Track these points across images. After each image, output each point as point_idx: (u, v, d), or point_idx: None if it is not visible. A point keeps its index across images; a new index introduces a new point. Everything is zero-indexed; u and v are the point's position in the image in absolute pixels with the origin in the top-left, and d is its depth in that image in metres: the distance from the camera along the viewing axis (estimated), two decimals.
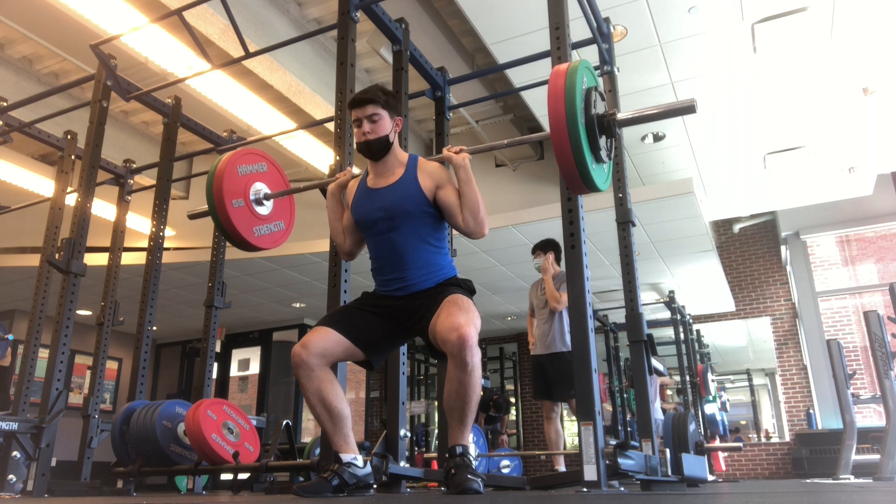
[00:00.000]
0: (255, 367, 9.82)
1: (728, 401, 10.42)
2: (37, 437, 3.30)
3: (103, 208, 6.46)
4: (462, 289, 2.27)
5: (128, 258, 5.62)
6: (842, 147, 6.35)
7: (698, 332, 9.02)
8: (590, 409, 2.22)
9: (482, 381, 2.19)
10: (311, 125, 4.89)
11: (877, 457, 5.50)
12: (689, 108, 2.09)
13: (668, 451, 4.15)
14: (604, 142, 2.11)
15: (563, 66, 2.05)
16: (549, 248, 4.82)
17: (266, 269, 7.10)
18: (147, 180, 5.82)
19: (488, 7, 4.47)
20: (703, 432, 6.60)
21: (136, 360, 3.98)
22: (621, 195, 3.45)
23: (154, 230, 4.14)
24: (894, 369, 5.27)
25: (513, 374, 10.51)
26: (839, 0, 4.43)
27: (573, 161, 1.98)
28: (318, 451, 3.61)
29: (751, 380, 12.60)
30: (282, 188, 2.99)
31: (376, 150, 2.32)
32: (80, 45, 4.81)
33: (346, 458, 2.15)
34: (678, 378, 7.61)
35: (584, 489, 2.13)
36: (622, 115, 2.14)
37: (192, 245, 7.24)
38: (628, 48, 4.85)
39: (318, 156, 6.52)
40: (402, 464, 2.70)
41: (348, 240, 2.48)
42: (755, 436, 12.08)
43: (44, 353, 3.79)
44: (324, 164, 6.56)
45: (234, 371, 10.01)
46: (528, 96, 5.40)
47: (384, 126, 2.31)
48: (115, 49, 4.24)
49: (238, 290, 7.73)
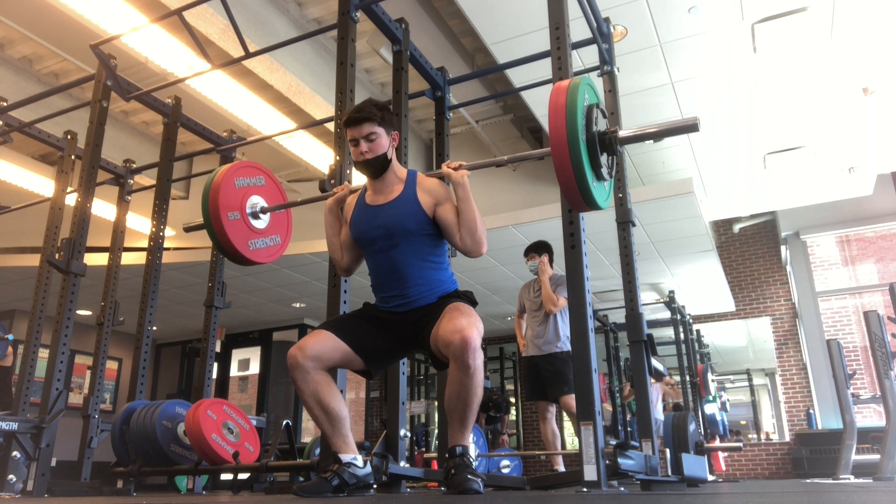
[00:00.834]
0: (255, 367, 9.83)
1: (728, 401, 10.42)
2: (37, 437, 3.30)
3: (103, 208, 6.46)
4: (463, 299, 2.26)
5: (128, 258, 5.62)
6: (842, 147, 6.35)
7: (698, 332, 9.02)
8: (590, 409, 2.22)
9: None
10: (311, 125, 4.89)
11: (877, 457, 5.50)
12: (691, 127, 2.07)
13: (668, 451, 4.16)
14: (605, 159, 2.09)
15: (565, 82, 2.03)
16: (543, 249, 4.81)
17: (266, 269, 7.10)
18: (147, 180, 5.82)
19: (488, 7, 4.47)
20: (703, 432, 6.60)
21: (136, 360, 3.98)
22: (621, 195, 3.45)
23: (154, 230, 4.14)
24: (894, 369, 5.27)
25: (513, 374, 10.51)
26: (839, 0, 4.43)
27: (574, 179, 1.96)
28: (318, 451, 3.61)
29: (751, 380, 12.61)
30: (279, 202, 2.95)
31: (375, 169, 2.29)
32: (80, 45, 4.81)
33: (345, 458, 2.15)
34: (678, 378, 7.61)
35: (584, 489, 2.13)
36: (624, 133, 2.12)
37: (192, 245, 7.24)
38: (628, 48, 4.85)
39: (318, 156, 6.52)
40: (402, 464, 2.70)
41: (346, 256, 2.44)
42: (755, 436, 12.08)
43: (44, 353, 3.79)
44: (324, 164, 6.56)
45: (234, 371, 10.01)
46: (528, 96, 5.40)
47: (381, 144, 2.27)
48: (115, 49, 4.24)
49: (238, 290, 7.73)
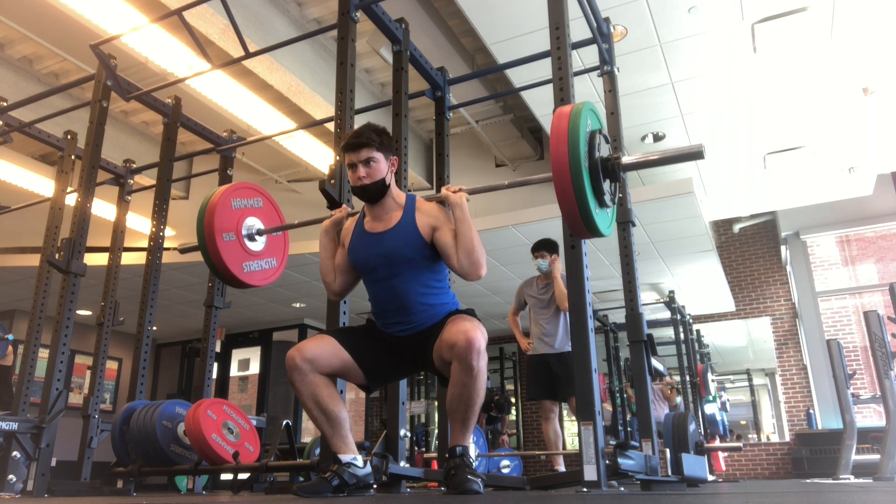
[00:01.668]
0: (255, 367, 9.83)
1: (728, 401, 10.42)
2: (37, 437, 3.30)
3: (103, 208, 6.46)
4: (466, 314, 2.26)
5: (128, 258, 5.62)
6: (842, 147, 6.34)
7: (698, 332, 9.02)
8: (590, 409, 2.22)
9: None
10: (311, 125, 4.89)
11: (877, 457, 5.50)
12: (696, 154, 2.03)
13: (668, 451, 4.16)
14: (608, 186, 2.05)
15: (567, 108, 2.00)
16: (554, 248, 4.79)
17: None
18: (147, 180, 5.82)
19: (488, 7, 4.47)
20: (703, 432, 6.60)
21: (136, 360, 3.97)
22: (621, 195, 3.44)
23: (154, 230, 4.14)
24: (894, 369, 5.27)
25: (513, 374, 10.51)
26: (839, 0, 4.43)
27: (576, 206, 1.93)
28: (318, 451, 3.61)
29: (751, 380, 12.60)
30: (277, 224, 2.92)
31: (373, 194, 2.26)
32: (80, 45, 4.80)
33: (345, 458, 2.15)
34: (678, 378, 7.61)
35: (584, 489, 2.13)
36: (627, 160, 2.09)
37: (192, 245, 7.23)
38: (628, 48, 4.85)
39: (318, 156, 6.52)
40: (402, 464, 2.70)
41: (339, 280, 2.40)
42: (755, 436, 12.08)
43: (44, 353, 3.79)
44: (324, 164, 6.56)
45: (234, 371, 10.02)
46: (528, 96, 5.40)
47: (380, 169, 2.24)
48: (115, 49, 4.24)
49: (238, 291, 7.71)
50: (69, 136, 4.63)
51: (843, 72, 5.22)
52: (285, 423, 3.73)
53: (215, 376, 8.98)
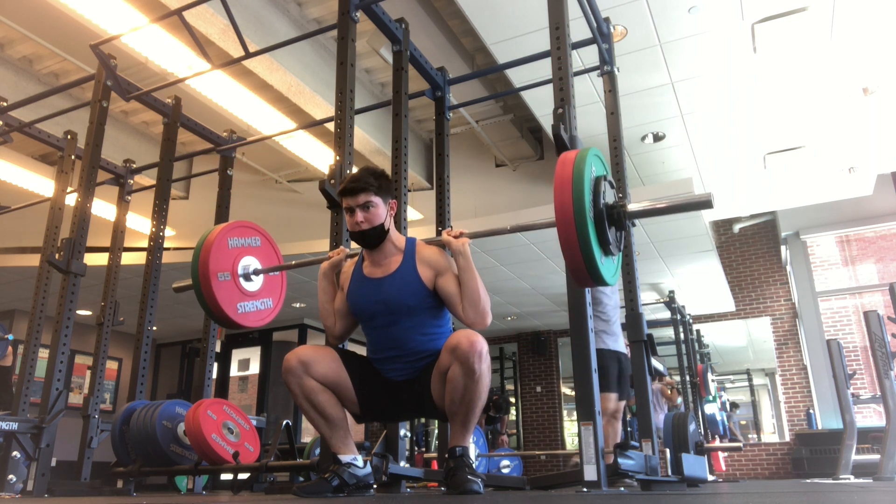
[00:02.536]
0: (255, 367, 9.82)
1: (728, 401, 10.42)
2: (37, 437, 3.30)
3: (103, 208, 6.46)
4: None
5: (128, 258, 5.62)
6: (842, 147, 6.34)
7: (698, 332, 9.03)
8: (590, 409, 2.22)
9: None
10: (311, 125, 4.89)
11: (877, 457, 5.50)
12: (705, 203, 1.98)
13: (668, 451, 4.16)
14: (613, 234, 1.98)
15: (571, 154, 1.94)
16: None
17: None
18: (147, 180, 5.82)
19: (488, 7, 4.47)
20: (703, 432, 6.60)
21: (136, 360, 3.97)
22: (621, 195, 3.45)
23: (154, 230, 4.14)
24: (894, 369, 5.27)
25: (513, 374, 10.52)
26: (839, 0, 4.43)
27: (580, 255, 1.85)
28: (318, 451, 3.61)
29: (751, 380, 12.61)
30: (275, 264, 2.86)
31: (371, 240, 2.20)
32: (80, 45, 4.80)
33: (345, 458, 2.15)
34: (678, 378, 7.61)
35: (584, 489, 2.13)
36: (633, 207, 2.03)
37: (193, 245, 7.24)
38: (628, 48, 4.85)
39: (318, 156, 6.52)
40: (402, 464, 2.71)
41: (339, 324, 2.34)
42: (755, 436, 12.08)
43: (44, 353, 3.79)
44: (324, 164, 6.55)
45: (234, 371, 10.01)
46: (528, 96, 5.39)
47: (378, 214, 2.18)
48: (115, 49, 4.24)
49: None
50: (69, 136, 4.63)
51: (843, 72, 5.22)
52: (285, 423, 3.72)
53: (215, 376, 8.98)
